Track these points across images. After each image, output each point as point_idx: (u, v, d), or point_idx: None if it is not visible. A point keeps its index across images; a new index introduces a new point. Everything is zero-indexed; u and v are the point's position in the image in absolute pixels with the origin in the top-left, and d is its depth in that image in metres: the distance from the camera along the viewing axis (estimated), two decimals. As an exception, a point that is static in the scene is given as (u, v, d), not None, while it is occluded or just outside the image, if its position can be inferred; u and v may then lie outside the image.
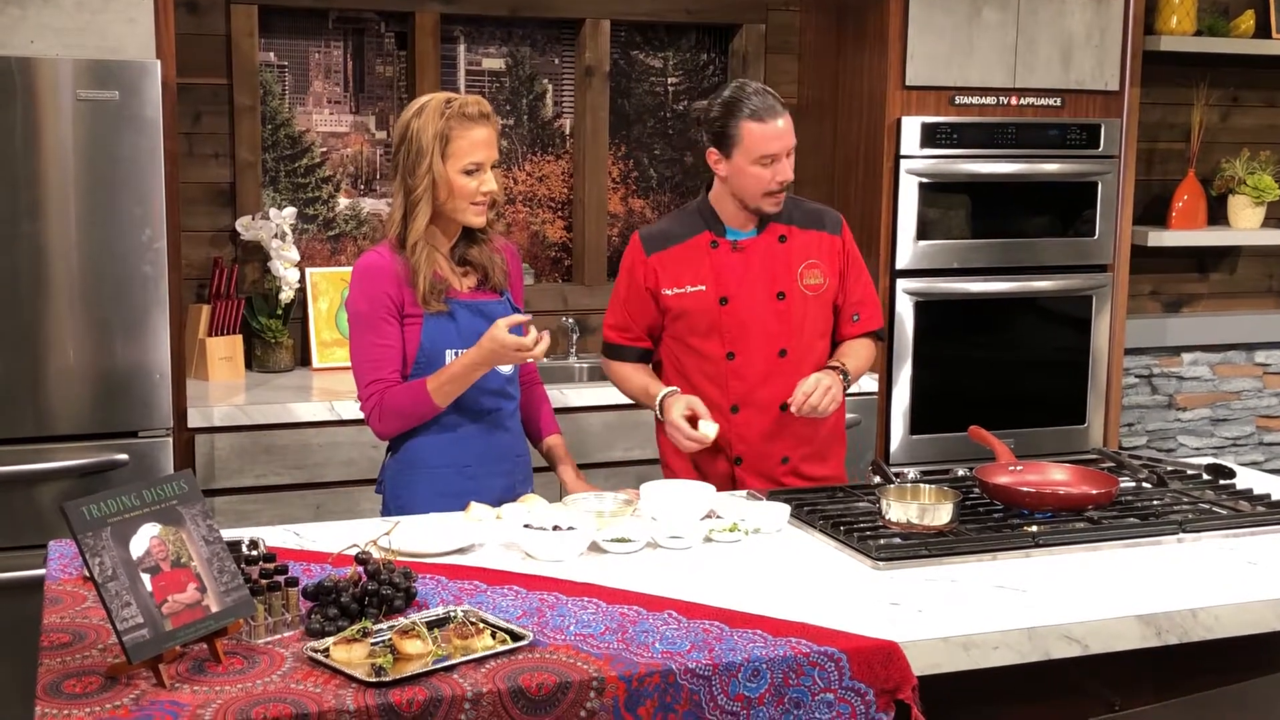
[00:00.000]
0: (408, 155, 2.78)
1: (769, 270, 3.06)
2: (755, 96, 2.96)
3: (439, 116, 2.76)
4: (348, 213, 4.54)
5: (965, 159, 4.39)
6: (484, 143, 2.79)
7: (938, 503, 2.63)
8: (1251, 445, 5.42)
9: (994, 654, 2.15)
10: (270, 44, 4.39)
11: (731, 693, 2.00)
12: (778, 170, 2.97)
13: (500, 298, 2.92)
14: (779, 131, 2.96)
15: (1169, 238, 4.96)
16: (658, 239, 3.11)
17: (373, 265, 2.82)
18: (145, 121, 3.44)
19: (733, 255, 3.06)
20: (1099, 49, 4.47)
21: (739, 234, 3.08)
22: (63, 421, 3.48)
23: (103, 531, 1.91)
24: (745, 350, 3.05)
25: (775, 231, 3.08)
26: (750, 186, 2.99)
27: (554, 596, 2.27)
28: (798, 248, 3.08)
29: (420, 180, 2.76)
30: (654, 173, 4.90)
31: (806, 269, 3.07)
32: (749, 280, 3.05)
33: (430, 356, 2.82)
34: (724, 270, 3.05)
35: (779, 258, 3.07)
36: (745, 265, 3.06)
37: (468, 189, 2.78)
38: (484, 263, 2.89)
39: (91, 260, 3.44)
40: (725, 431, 3.04)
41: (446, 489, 2.85)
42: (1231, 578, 2.44)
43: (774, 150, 2.95)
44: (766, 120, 2.94)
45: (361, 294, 2.82)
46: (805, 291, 3.07)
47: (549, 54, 4.73)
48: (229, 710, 1.81)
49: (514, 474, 2.95)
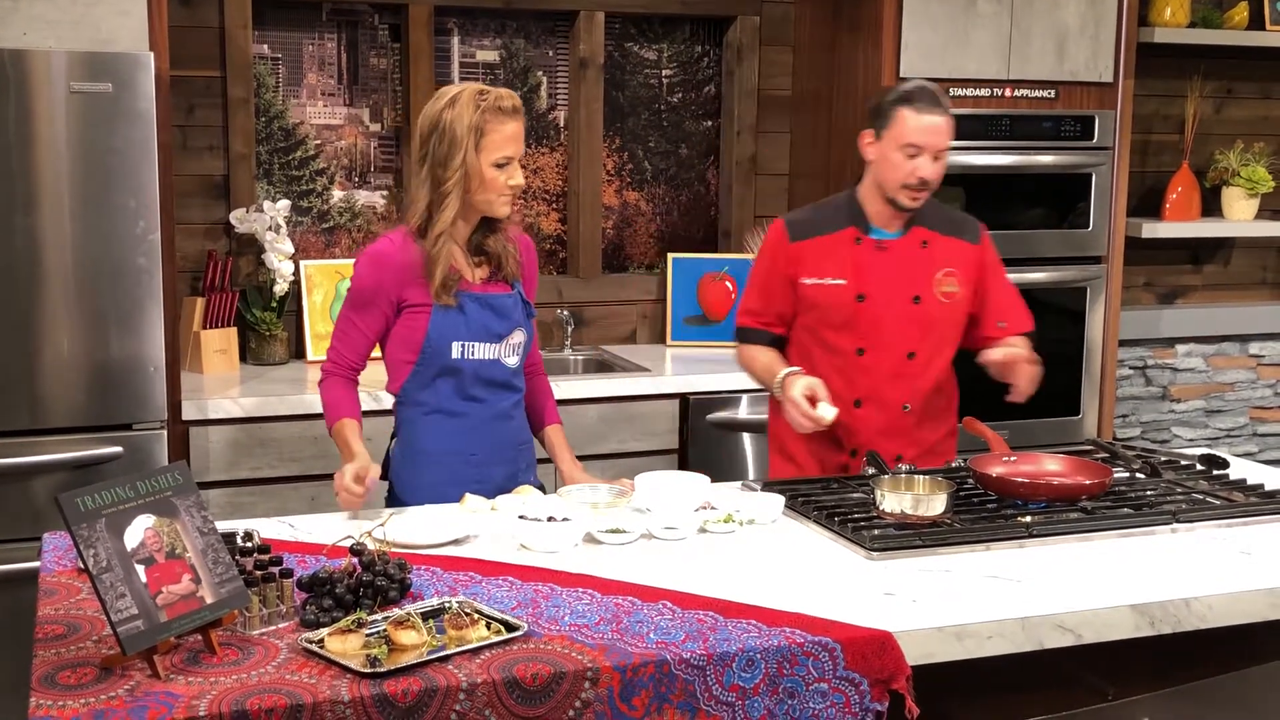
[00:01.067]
0: (439, 145, 2.77)
1: (908, 273, 3.07)
2: (920, 90, 2.99)
3: (473, 109, 2.76)
4: (342, 205, 4.54)
5: (959, 151, 4.38)
6: (515, 136, 2.80)
7: (932, 493, 2.63)
8: (1245, 436, 5.43)
9: (988, 644, 2.16)
10: (264, 36, 4.39)
11: (726, 683, 2.01)
12: (919, 165, 2.97)
13: (511, 290, 2.92)
14: (931, 126, 2.96)
15: (1163, 229, 4.97)
16: (803, 227, 3.13)
17: (381, 254, 2.84)
18: (139, 114, 3.44)
19: (875, 253, 3.07)
20: (1093, 40, 4.47)
21: (883, 233, 3.08)
22: (57, 414, 3.48)
23: (97, 523, 1.91)
24: (876, 348, 3.06)
25: (919, 235, 3.09)
26: (889, 175, 3.00)
27: (549, 587, 2.27)
28: (939, 254, 3.09)
29: (453, 172, 2.76)
30: (649, 165, 4.90)
31: (944, 276, 3.09)
32: (888, 280, 3.06)
33: (436, 347, 2.82)
34: (865, 267, 3.06)
35: (919, 262, 3.08)
36: (886, 265, 3.07)
37: (497, 181, 2.79)
38: (498, 253, 2.90)
39: (85, 253, 3.44)
40: (846, 424, 3.07)
41: (452, 477, 2.86)
42: (1225, 568, 2.45)
43: (919, 141, 2.95)
44: (921, 111, 2.96)
45: (361, 277, 2.85)
46: (940, 298, 3.09)
47: (543, 46, 4.72)
48: (224, 701, 1.81)
49: (517, 462, 2.95)
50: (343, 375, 2.88)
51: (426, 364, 2.84)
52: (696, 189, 4.97)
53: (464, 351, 2.83)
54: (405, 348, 2.85)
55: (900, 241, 3.08)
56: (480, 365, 2.86)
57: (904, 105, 2.97)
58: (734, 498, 2.77)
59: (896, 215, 3.07)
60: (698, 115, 4.94)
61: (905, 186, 2.99)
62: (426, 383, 2.86)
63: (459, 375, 2.85)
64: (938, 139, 2.97)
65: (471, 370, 2.85)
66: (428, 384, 2.86)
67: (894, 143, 2.98)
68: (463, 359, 2.84)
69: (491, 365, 2.87)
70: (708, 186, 4.98)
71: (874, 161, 3.04)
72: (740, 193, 4.90)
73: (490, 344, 2.86)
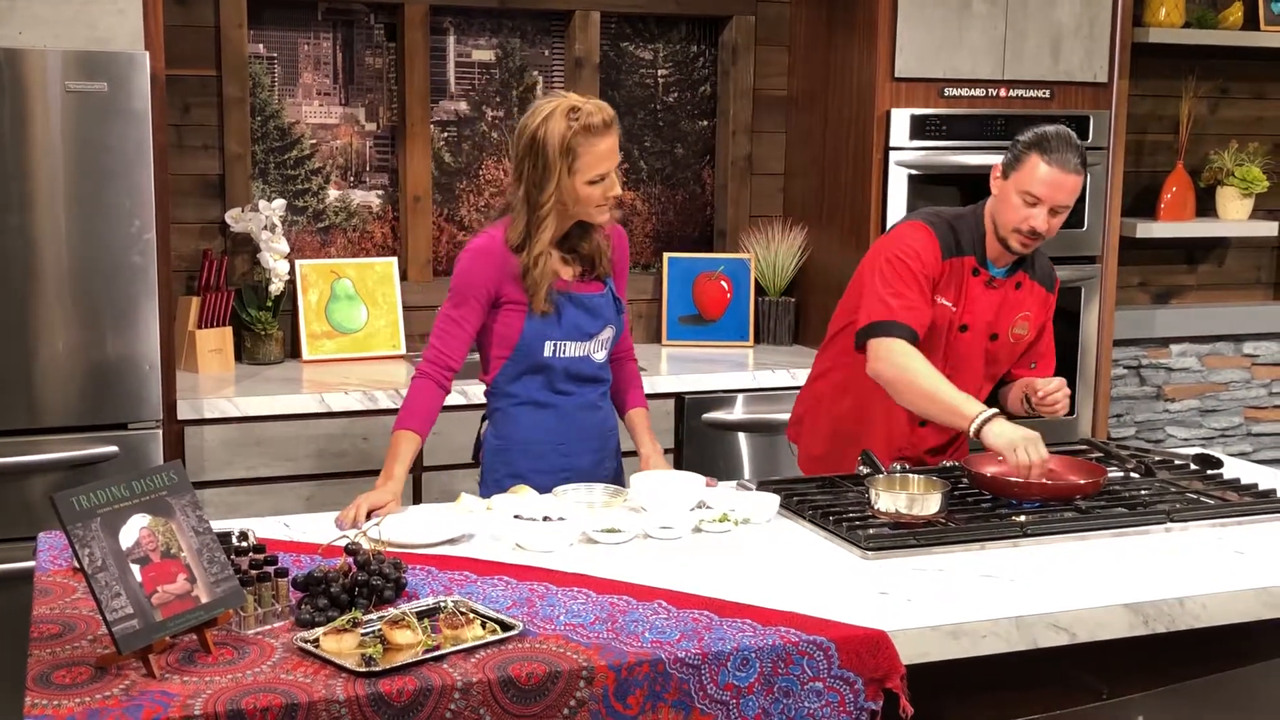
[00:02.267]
0: (533, 168, 2.80)
1: (999, 312, 3.08)
2: (1058, 138, 2.91)
3: (565, 127, 2.77)
4: (337, 204, 4.54)
5: (954, 150, 4.39)
6: (609, 153, 2.81)
7: (926, 493, 2.64)
8: (1239, 436, 5.44)
9: (982, 643, 2.16)
10: (259, 35, 4.38)
11: (721, 682, 2.01)
12: (1033, 215, 2.92)
13: (604, 288, 2.97)
14: (1055, 180, 2.89)
15: (1157, 229, 4.97)
16: (950, 246, 3.04)
17: (484, 250, 2.87)
18: (134, 113, 3.43)
19: (985, 289, 3.07)
20: (1088, 40, 4.48)
21: (995, 270, 3.08)
22: (52, 413, 3.48)
23: (92, 522, 1.91)
24: (956, 378, 3.00)
25: (1018, 277, 3.10)
26: (1005, 215, 2.96)
27: (544, 587, 2.27)
28: (1026, 297, 3.11)
29: (548, 197, 2.80)
30: (644, 164, 4.90)
31: (1021, 319, 3.11)
32: (985, 316, 3.07)
33: (530, 346, 2.89)
34: (973, 300, 3.06)
35: (1010, 304, 3.09)
36: (988, 302, 3.07)
37: (594, 196, 2.82)
38: (592, 253, 2.95)
39: (80, 252, 3.44)
40: (901, 440, 3.11)
41: (542, 465, 2.93)
42: (1219, 567, 2.45)
43: (1040, 194, 2.90)
44: (1052, 164, 2.89)
45: (463, 271, 2.89)
46: (1011, 339, 3.11)
47: (539, 45, 4.72)
48: (219, 700, 1.81)
49: (604, 450, 3.04)
50: (435, 378, 2.88)
51: (519, 359, 2.91)
52: (692, 188, 4.97)
53: (556, 350, 2.91)
54: (501, 343, 2.92)
55: (1005, 281, 3.09)
56: (570, 362, 2.93)
57: (1037, 152, 2.91)
58: (729, 497, 2.77)
59: (1006, 254, 3.05)
60: (693, 115, 4.95)
61: (1016, 231, 2.96)
62: (517, 376, 2.93)
63: (549, 371, 2.92)
64: (1060, 195, 2.91)
65: (561, 366, 2.92)
66: (518, 378, 2.93)
67: (1015, 185, 2.93)
68: (554, 357, 2.91)
69: (581, 361, 2.94)
70: (703, 186, 4.98)
71: (995, 196, 3.02)
72: (736, 192, 4.90)
73: (581, 342, 2.93)
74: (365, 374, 4.11)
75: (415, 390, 2.89)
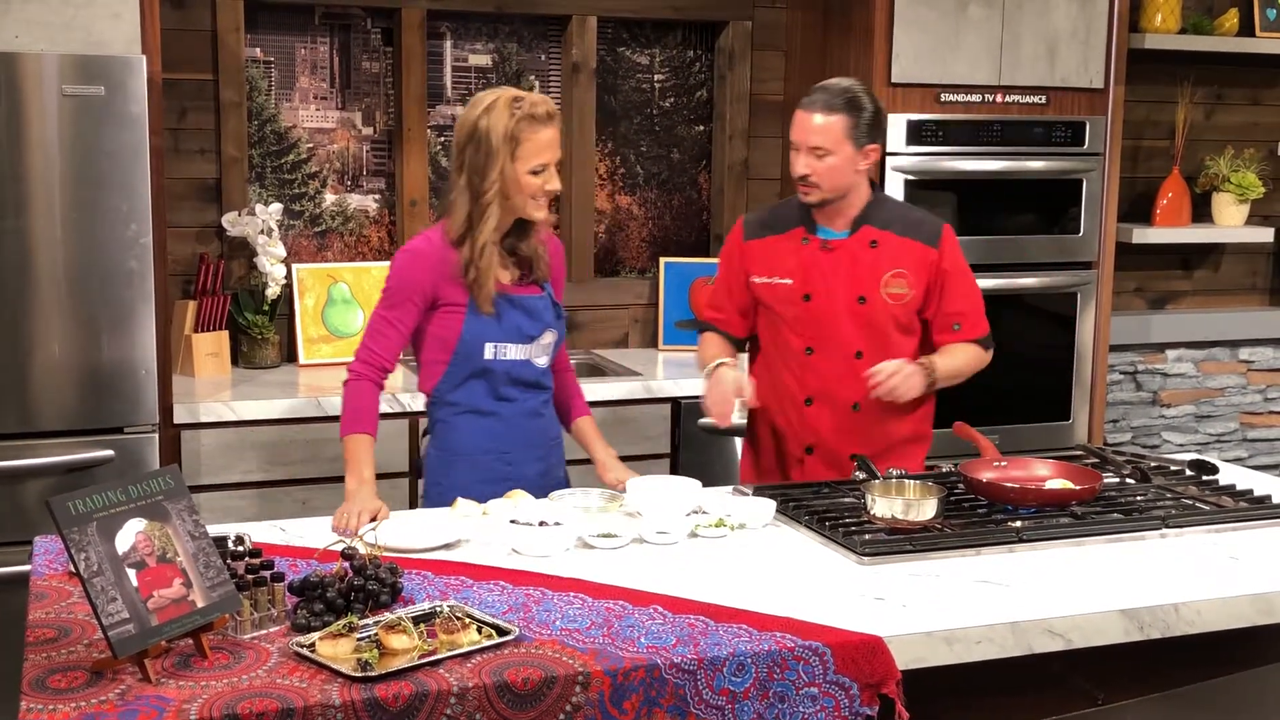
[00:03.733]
0: (475, 155, 2.80)
1: (854, 273, 3.08)
2: (819, 87, 3.05)
3: (508, 117, 2.78)
4: (334, 209, 4.54)
5: (951, 156, 4.40)
6: (551, 143, 2.83)
7: (922, 498, 2.64)
8: (1235, 441, 5.44)
9: (977, 648, 2.17)
10: (256, 40, 4.38)
11: (716, 687, 2.01)
12: (793, 161, 3.03)
13: (542, 291, 2.96)
14: (800, 123, 3.01)
15: (1153, 235, 4.98)
16: (757, 226, 3.19)
17: (418, 252, 2.87)
18: (131, 117, 3.43)
19: (821, 254, 3.09)
20: (1084, 46, 4.49)
21: (831, 233, 3.09)
22: (48, 417, 3.47)
23: (88, 527, 1.91)
24: (822, 348, 3.08)
25: (868, 235, 3.09)
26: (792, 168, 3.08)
27: (540, 591, 2.27)
28: (887, 255, 3.08)
29: (491, 184, 2.79)
30: (640, 169, 4.90)
31: (892, 277, 3.08)
32: (833, 280, 3.07)
33: (470, 348, 2.86)
34: (811, 267, 3.08)
35: (866, 262, 3.08)
36: (832, 265, 3.08)
37: (533, 185, 2.81)
38: (530, 255, 2.94)
39: (77, 256, 3.44)
40: (798, 422, 3.13)
41: (486, 475, 2.90)
42: (1214, 573, 2.46)
43: (794, 137, 3.02)
44: (801, 108, 3.03)
45: (398, 274, 2.88)
46: (887, 299, 3.08)
47: (535, 50, 4.73)
48: (215, 705, 1.81)
49: (549, 459, 3.00)
50: (371, 379, 2.87)
51: (459, 364, 2.88)
52: (688, 193, 4.98)
53: (496, 352, 2.88)
54: (438, 347, 2.89)
55: (848, 241, 3.08)
56: (512, 365, 2.90)
57: (798, 108, 3.05)
58: (725, 502, 2.78)
59: (840, 213, 3.08)
60: (689, 120, 4.95)
61: (794, 178, 3.06)
62: (459, 383, 2.90)
63: (491, 376, 2.89)
64: (806, 136, 3.00)
65: (503, 370, 2.89)
66: (460, 384, 2.90)
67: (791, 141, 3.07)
68: (495, 360, 2.88)
69: (523, 365, 2.92)
70: (699, 191, 4.99)
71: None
72: (732, 197, 4.90)
73: (522, 345, 2.91)
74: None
75: (353, 392, 2.86)
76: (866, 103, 3.02)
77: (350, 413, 2.85)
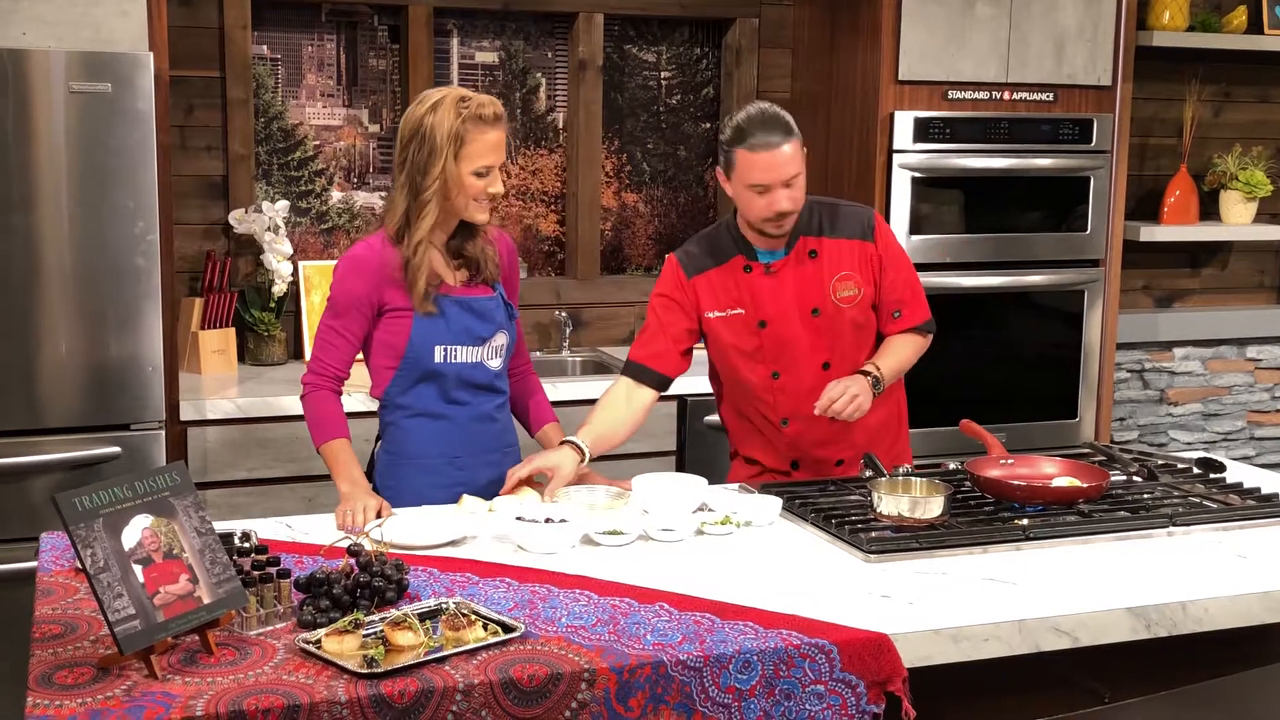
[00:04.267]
0: (419, 151, 2.76)
1: (801, 289, 3.03)
2: (754, 120, 2.88)
3: (454, 116, 2.74)
4: (341, 206, 4.54)
5: (958, 154, 4.39)
6: (496, 145, 2.79)
7: (929, 496, 2.63)
8: (1242, 440, 5.43)
9: (984, 646, 2.16)
10: (263, 37, 4.39)
11: (723, 684, 2.01)
12: (773, 200, 2.90)
13: (493, 292, 2.91)
14: (768, 163, 2.87)
15: (1161, 233, 4.97)
16: (696, 261, 3.07)
17: (359, 259, 2.82)
18: (138, 114, 3.44)
19: (765, 278, 3.03)
20: (1091, 44, 4.48)
21: (769, 255, 3.04)
22: (55, 414, 3.48)
23: (94, 523, 1.91)
24: (789, 369, 3.04)
25: (805, 247, 3.04)
26: (748, 211, 2.96)
27: (546, 589, 2.27)
28: (828, 261, 3.04)
29: (432, 181, 2.75)
30: (647, 167, 4.90)
31: (839, 281, 3.04)
32: (783, 301, 3.03)
33: (419, 352, 2.82)
34: (759, 293, 3.03)
35: (810, 275, 3.04)
36: (779, 287, 3.03)
37: (475, 188, 2.78)
38: (477, 256, 2.89)
39: (84, 253, 3.44)
40: (778, 442, 3.09)
41: (437, 480, 2.86)
42: (1221, 571, 2.45)
43: (763, 180, 2.88)
44: (756, 149, 2.86)
45: (341, 283, 2.83)
46: (839, 304, 3.04)
47: (542, 48, 4.72)
48: (221, 701, 1.81)
49: (504, 464, 2.94)
50: (327, 387, 2.85)
51: (409, 369, 2.84)
52: (695, 191, 4.97)
53: (446, 355, 2.84)
54: (387, 353, 2.85)
55: (787, 260, 3.03)
56: (463, 368, 2.86)
57: (741, 147, 2.87)
58: (731, 500, 2.77)
59: (775, 239, 3.02)
60: (696, 117, 4.95)
61: (767, 220, 2.94)
62: (409, 387, 2.86)
63: (441, 379, 2.85)
64: (781, 171, 2.87)
65: (454, 374, 2.85)
66: (410, 388, 2.86)
67: (741, 182, 2.91)
68: (445, 363, 2.84)
69: (474, 368, 2.88)
70: (706, 189, 4.98)
71: (732, 196, 2.99)
72: (739, 195, 4.89)
73: (473, 347, 2.86)
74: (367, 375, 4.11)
75: (314, 403, 2.83)
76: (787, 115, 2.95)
77: (317, 423, 2.83)
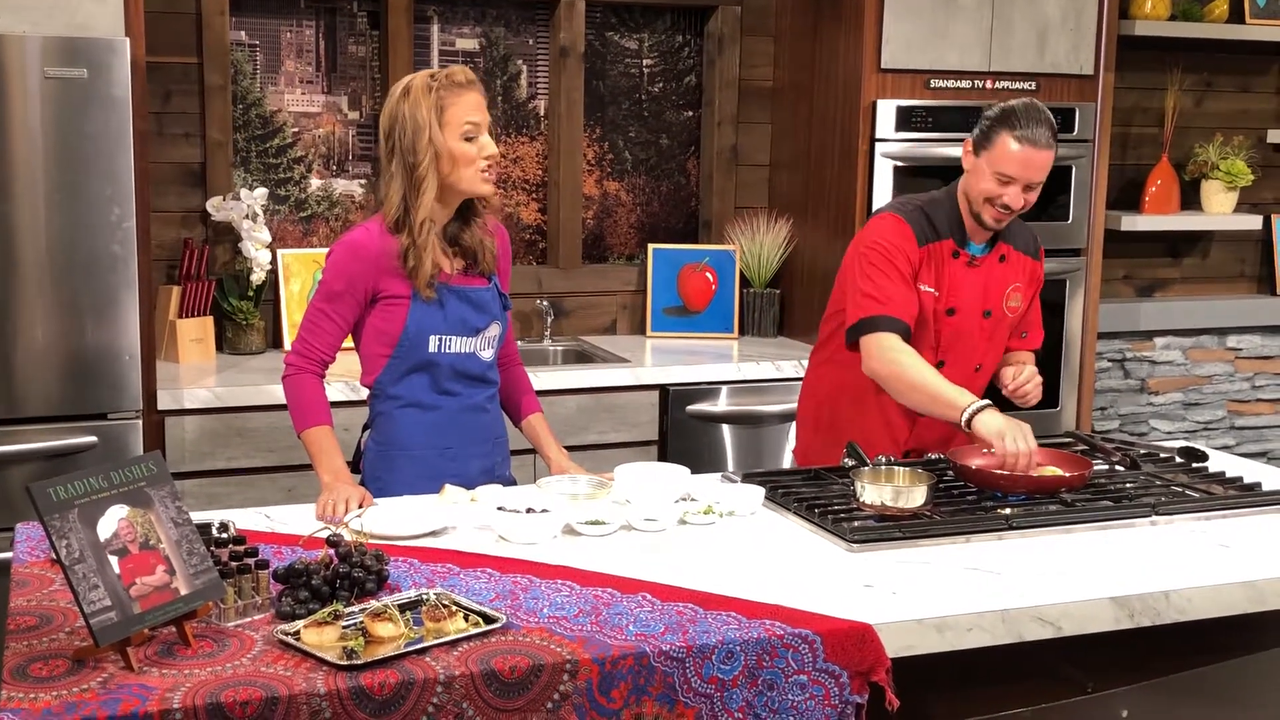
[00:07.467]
0: (403, 135, 2.74)
1: (987, 289, 3.06)
2: (1027, 112, 2.90)
3: (428, 91, 2.74)
4: (320, 194, 4.51)
5: (940, 142, 4.38)
6: (477, 105, 2.77)
7: (912, 485, 2.63)
8: (1223, 429, 5.45)
9: (967, 636, 2.16)
10: (241, 23, 4.35)
11: (705, 675, 2.00)
12: (1007, 193, 2.92)
13: (489, 283, 2.89)
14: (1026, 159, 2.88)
15: (1142, 222, 4.98)
16: (924, 232, 3.02)
17: (358, 243, 2.79)
18: (114, 100, 3.40)
19: (967, 269, 3.05)
20: (1074, 33, 4.47)
21: (975, 248, 3.06)
22: (31, 403, 3.45)
23: (70, 513, 1.89)
24: (955, 362, 3.05)
25: (1000, 250, 3.07)
26: (977, 190, 2.95)
27: (527, 579, 2.26)
28: (1012, 270, 3.09)
29: (423, 155, 2.72)
30: (629, 155, 4.88)
31: (1013, 291, 3.09)
32: (972, 296, 3.05)
33: (414, 340, 2.80)
34: (957, 282, 3.04)
35: (997, 278, 3.07)
36: (973, 281, 3.05)
37: (469, 154, 2.75)
38: (474, 246, 2.86)
39: (60, 241, 3.41)
40: (900, 430, 3.09)
41: (426, 471, 2.84)
42: (1204, 560, 2.45)
43: (1012, 172, 2.89)
44: (1023, 142, 2.88)
45: (336, 266, 2.80)
46: (1006, 312, 3.09)
47: (523, 34, 4.70)
48: (198, 693, 1.79)
49: (493, 455, 2.94)
50: (311, 371, 2.82)
51: (402, 357, 2.81)
52: (677, 179, 4.96)
53: (441, 345, 2.81)
54: (381, 340, 2.82)
55: (987, 257, 3.07)
56: (456, 359, 2.84)
57: (1006, 129, 2.90)
58: (714, 489, 2.76)
59: (982, 230, 3.03)
60: (678, 105, 4.93)
61: (989, 204, 2.95)
62: (401, 376, 2.84)
63: (435, 369, 2.83)
64: (1032, 173, 2.91)
65: (447, 364, 2.83)
66: (402, 377, 2.84)
67: (988, 163, 2.92)
68: (439, 352, 2.81)
69: (467, 359, 2.85)
70: (688, 177, 4.97)
71: (968, 171, 3.00)
72: (721, 183, 4.88)
73: (467, 337, 2.84)
74: (347, 364, 4.06)
75: (296, 386, 2.80)
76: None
77: (299, 407, 2.80)
